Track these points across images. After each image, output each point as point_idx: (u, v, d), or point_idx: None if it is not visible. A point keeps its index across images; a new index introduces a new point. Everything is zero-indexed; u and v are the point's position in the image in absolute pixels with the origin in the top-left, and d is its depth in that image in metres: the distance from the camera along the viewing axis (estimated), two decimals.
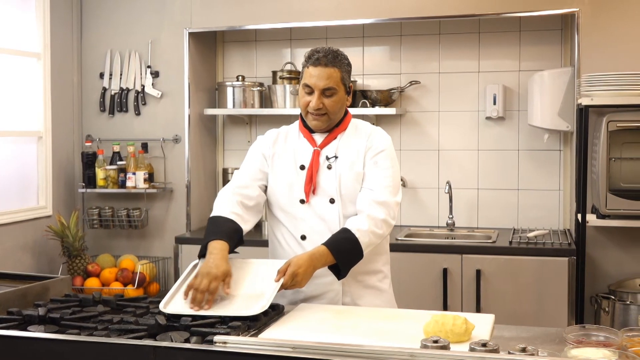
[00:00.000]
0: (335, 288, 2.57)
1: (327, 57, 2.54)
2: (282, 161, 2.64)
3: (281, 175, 2.63)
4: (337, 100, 2.56)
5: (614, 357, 1.78)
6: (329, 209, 2.57)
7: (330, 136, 2.62)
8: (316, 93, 2.52)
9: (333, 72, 2.53)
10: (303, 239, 2.58)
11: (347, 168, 2.58)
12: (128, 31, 4.45)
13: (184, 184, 4.41)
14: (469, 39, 4.34)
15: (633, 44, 3.70)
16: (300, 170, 2.60)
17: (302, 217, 2.59)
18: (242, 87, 4.42)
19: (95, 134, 4.49)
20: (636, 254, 3.76)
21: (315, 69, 2.53)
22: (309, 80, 2.54)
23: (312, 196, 2.58)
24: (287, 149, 2.66)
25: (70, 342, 1.87)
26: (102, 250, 4.44)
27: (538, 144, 4.24)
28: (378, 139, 2.61)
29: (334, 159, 2.59)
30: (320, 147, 2.61)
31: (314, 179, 2.57)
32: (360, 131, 2.65)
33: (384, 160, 2.57)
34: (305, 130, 2.65)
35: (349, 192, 2.56)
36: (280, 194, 2.62)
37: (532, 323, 3.44)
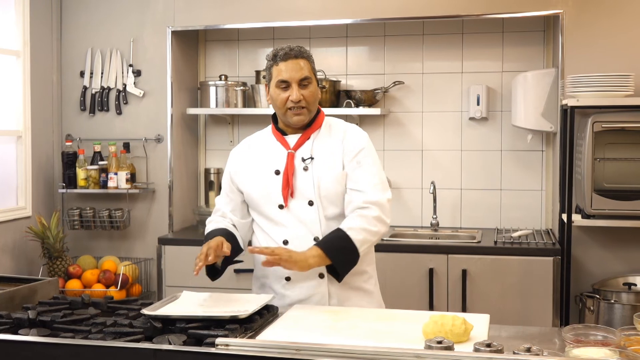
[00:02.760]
0: (321, 291, 2.55)
1: (294, 50, 2.54)
2: (255, 168, 2.62)
3: (257, 182, 2.60)
4: (313, 91, 2.55)
5: (615, 356, 1.79)
6: (309, 211, 2.54)
7: (303, 137, 2.58)
8: (294, 86, 2.50)
9: (304, 62, 2.53)
10: (285, 244, 2.55)
11: (325, 169, 2.55)
12: (109, 29, 4.39)
13: (167, 184, 4.36)
14: (453, 39, 4.35)
15: (616, 45, 3.74)
16: (276, 175, 2.57)
17: (282, 222, 2.56)
18: (225, 87, 4.38)
19: (75, 134, 4.43)
20: (619, 254, 3.80)
21: (286, 63, 2.51)
22: (283, 75, 2.51)
23: (290, 200, 2.54)
24: (260, 154, 2.63)
25: (67, 345, 1.84)
26: (83, 252, 4.38)
27: (521, 145, 4.27)
28: (355, 138, 2.59)
29: (310, 160, 2.56)
30: (294, 149, 2.57)
31: (290, 182, 2.54)
32: (335, 130, 2.62)
33: (365, 158, 2.55)
34: (277, 133, 2.62)
35: (329, 194, 2.54)
36: (258, 201, 2.60)
37: (518, 322, 3.45)
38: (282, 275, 2.55)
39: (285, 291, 2.57)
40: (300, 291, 2.55)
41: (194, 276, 3.96)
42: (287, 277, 2.56)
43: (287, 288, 2.57)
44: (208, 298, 2.43)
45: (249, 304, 2.25)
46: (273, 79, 2.55)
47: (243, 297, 2.42)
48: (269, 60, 2.57)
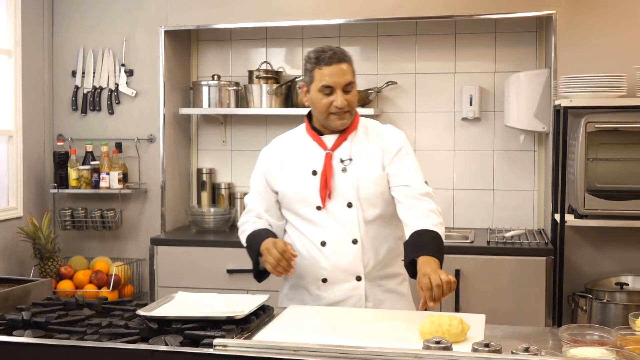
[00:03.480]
0: (358, 293, 2.52)
1: (337, 54, 2.49)
2: (291, 168, 2.57)
3: (293, 182, 2.56)
4: (355, 95, 2.52)
5: (612, 356, 1.80)
6: (347, 213, 2.51)
7: (341, 138, 2.54)
8: (339, 91, 2.46)
9: (347, 67, 2.49)
10: (323, 245, 2.52)
11: (364, 171, 2.51)
12: (102, 29, 4.37)
13: (159, 185, 4.34)
14: (445, 40, 4.36)
15: (609, 46, 3.75)
16: (313, 176, 2.53)
17: (320, 223, 2.52)
18: (217, 87, 4.37)
19: (67, 134, 4.40)
20: (611, 253, 3.82)
21: (330, 67, 2.46)
22: (328, 80, 2.45)
23: (328, 201, 2.51)
24: (296, 154, 2.58)
25: (63, 347, 1.82)
26: (74, 252, 4.36)
27: (513, 145, 4.28)
28: (392, 138, 2.56)
29: (349, 161, 2.52)
30: (332, 149, 2.53)
31: (328, 183, 2.50)
32: (372, 131, 2.59)
33: (406, 156, 2.53)
34: (313, 133, 2.57)
35: (368, 195, 2.50)
36: (294, 202, 2.56)
37: (511, 322, 3.44)
38: (318, 276, 2.53)
39: (321, 293, 2.54)
40: (336, 293, 2.53)
41: (187, 277, 4.00)
42: (323, 278, 2.53)
43: (323, 290, 2.54)
44: (203, 298, 2.42)
45: (245, 305, 2.24)
46: (315, 83, 2.48)
47: (238, 298, 2.41)
48: (310, 62, 2.51)
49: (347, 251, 2.51)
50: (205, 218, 4.29)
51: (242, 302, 2.29)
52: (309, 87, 2.53)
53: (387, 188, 2.54)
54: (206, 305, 2.29)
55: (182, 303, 2.34)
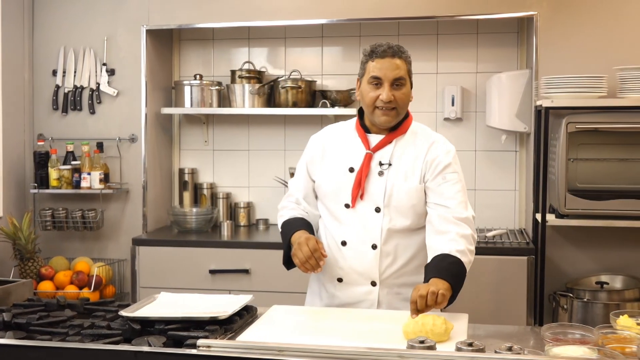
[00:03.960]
0: (371, 298, 2.50)
1: (392, 48, 2.47)
2: (331, 161, 2.56)
3: (329, 175, 2.55)
4: (406, 93, 2.48)
5: (594, 355, 1.81)
6: (374, 217, 2.47)
7: (386, 139, 2.51)
8: (386, 85, 2.43)
9: (401, 62, 2.46)
10: (343, 245, 2.51)
11: (400, 178, 2.48)
12: (83, 27, 4.33)
13: (140, 185, 4.32)
14: (427, 40, 4.38)
15: (590, 47, 3.78)
16: (349, 173, 2.51)
17: (346, 222, 2.51)
18: (200, 86, 4.36)
19: (47, 133, 4.36)
20: (591, 253, 3.85)
21: (382, 60, 2.44)
22: (377, 72, 2.44)
23: (358, 202, 2.48)
24: (339, 148, 2.57)
25: (45, 348, 1.81)
26: (55, 253, 4.32)
27: (495, 145, 4.30)
28: (441, 152, 2.50)
29: (387, 165, 2.48)
30: (374, 150, 2.50)
31: (362, 184, 2.47)
32: (420, 139, 2.54)
33: (452, 174, 2.47)
34: (361, 130, 2.54)
35: (399, 204, 2.47)
36: (326, 195, 2.56)
37: (493, 321, 3.45)
38: (335, 275, 2.52)
39: (336, 292, 2.54)
40: (350, 294, 2.52)
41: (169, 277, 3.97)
42: (339, 278, 2.53)
43: (338, 289, 2.53)
44: (186, 299, 2.41)
45: (228, 305, 2.24)
46: (366, 75, 2.48)
47: (221, 298, 2.40)
48: (365, 54, 2.50)
49: (365, 255, 2.49)
50: (187, 218, 4.27)
51: (225, 303, 2.29)
52: (360, 79, 2.52)
53: (422, 201, 2.48)
54: (189, 306, 2.28)
55: (165, 304, 2.33)
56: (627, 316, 2.13)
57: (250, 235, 4.27)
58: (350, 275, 2.50)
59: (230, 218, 4.51)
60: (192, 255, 3.99)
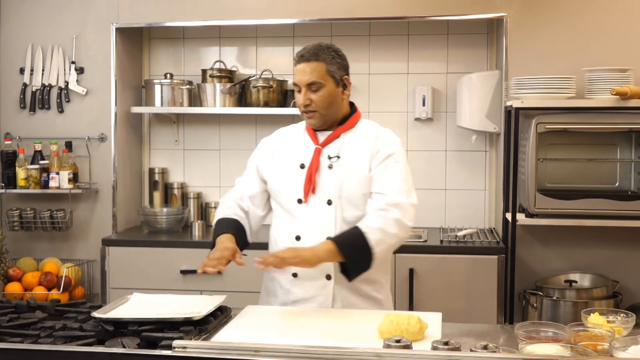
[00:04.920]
0: (326, 292, 2.51)
1: (310, 52, 2.52)
2: (282, 159, 2.60)
3: (280, 173, 2.59)
4: (324, 95, 2.50)
5: (567, 352, 1.84)
6: (326, 210, 2.50)
7: (334, 134, 2.56)
8: (302, 89, 2.50)
9: (316, 65, 2.49)
10: (297, 240, 2.52)
11: (349, 170, 2.51)
12: (51, 25, 4.27)
13: (110, 184, 4.27)
14: (398, 41, 4.39)
15: (558, 48, 3.83)
16: (300, 169, 2.54)
17: (299, 216, 2.53)
18: (170, 85, 4.32)
19: (14, 132, 4.29)
20: (560, 252, 3.90)
21: (299, 65, 2.52)
22: (295, 78, 2.52)
23: (310, 196, 2.52)
24: (289, 146, 2.61)
25: (17, 351, 1.78)
26: (22, 254, 4.25)
27: (465, 145, 4.34)
28: (386, 142, 2.55)
29: (336, 158, 2.52)
30: (322, 145, 2.55)
31: (313, 178, 2.51)
32: (367, 132, 2.58)
33: (394, 164, 2.51)
34: (309, 128, 2.60)
35: (350, 195, 2.50)
36: (279, 192, 2.59)
37: (464, 320, 3.47)
38: (289, 270, 2.52)
39: (291, 287, 2.54)
40: (305, 290, 2.53)
41: (140, 278, 3.94)
42: (294, 273, 2.53)
43: (293, 284, 2.54)
44: (159, 300, 2.39)
45: (202, 306, 2.23)
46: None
47: (195, 299, 2.39)
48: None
49: None
50: (158, 218, 4.24)
51: (199, 303, 2.27)
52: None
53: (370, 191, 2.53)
54: (163, 307, 2.27)
55: (138, 304, 2.31)
56: (597, 314, 2.17)
57: None
58: (304, 270, 2.50)
59: (201, 218, 4.48)
60: (163, 256, 3.96)
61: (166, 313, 2.14)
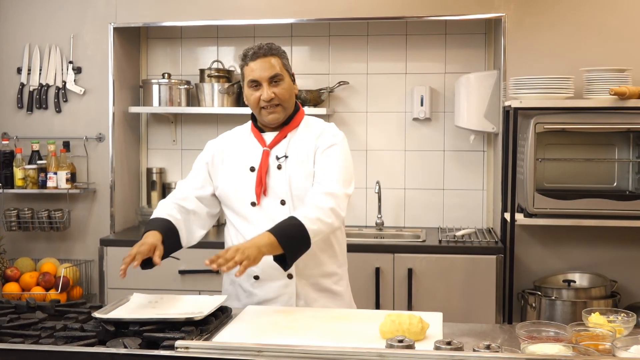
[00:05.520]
0: (289, 291, 2.53)
1: (263, 48, 2.53)
2: (231, 163, 2.60)
3: (231, 177, 2.59)
4: (286, 88, 2.53)
5: (569, 352, 1.84)
6: (280, 210, 2.52)
7: (280, 135, 2.58)
8: (264, 84, 2.50)
9: (274, 59, 2.52)
10: None
11: (297, 167, 2.54)
12: (48, 24, 4.26)
13: (108, 184, 4.26)
14: (396, 41, 4.40)
15: (557, 48, 3.84)
16: (250, 172, 2.56)
17: (254, 220, 2.54)
18: (168, 85, 4.32)
19: (12, 132, 4.28)
20: (558, 251, 3.91)
21: (255, 62, 2.51)
22: (253, 74, 2.51)
23: (263, 198, 2.53)
24: (237, 150, 2.62)
25: (19, 351, 1.77)
26: (20, 254, 4.24)
27: (463, 145, 4.34)
28: (328, 135, 2.58)
29: (284, 158, 2.55)
30: (270, 146, 2.57)
31: (263, 180, 2.53)
32: (312, 129, 2.61)
33: (334, 154, 2.53)
34: (255, 130, 2.61)
35: (300, 192, 2.52)
36: (231, 197, 2.58)
37: (463, 319, 3.49)
38: (251, 273, 2.52)
39: (254, 289, 2.55)
40: (268, 290, 2.53)
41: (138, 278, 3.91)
42: (255, 275, 2.54)
43: (256, 287, 2.55)
44: (159, 300, 2.39)
45: (203, 306, 2.22)
46: (245, 79, 2.55)
47: (195, 299, 2.39)
48: (240, 60, 2.56)
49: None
50: None
51: (199, 303, 2.27)
52: (242, 84, 2.59)
53: None
54: (163, 307, 2.26)
55: (138, 305, 2.31)
56: (598, 314, 2.17)
57: (219, 235, 4.23)
58: (266, 271, 2.51)
59: None
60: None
61: (167, 313, 2.14)
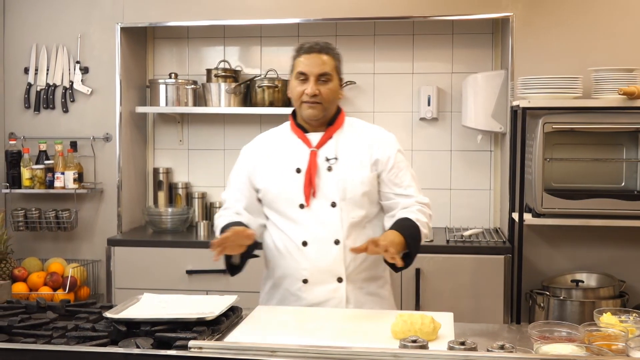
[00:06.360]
0: (339, 295, 2.50)
1: (320, 44, 2.53)
2: (274, 165, 2.56)
3: (275, 179, 2.55)
4: (332, 88, 2.51)
5: (582, 352, 1.84)
6: (331, 213, 2.49)
7: (326, 136, 2.55)
8: (311, 79, 2.48)
9: (328, 58, 2.51)
10: (304, 245, 2.50)
11: (350, 171, 2.52)
12: (55, 24, 4.26)
13: (115, 184, 4.26)
14: (404, 40, 4.39)
15: (565, 48, 3.83)
16: (296, 174, 2.52)
17: (303, 222, 2.50)
18: (175, 85, 4.31)
19: (19, 132, 4.28)
20: (566, 251, 3.90)
21: (309, 56, 2.50)
22: (303, 67, 2.49)
23: (312, 200, 2.50)
24: (279, 151, 2.58)
25: (31, 351, 1.77)
26: (27, 254, 4.24)
27: (470, 145, 4.33)
28: (386, 141, 2.59)
29: (335, 160, 2.52)
30: (317, 147, 2.53)
31: (313, 182, 2.49)
32: (359, 131, 2.60)
33: (402, 162, 2.58)
34: (298, 130, 2.57)
35: (354, 196, 2.50)
36: (276, 200, 2.55)
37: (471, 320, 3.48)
38: (299, 277, 2.50)
39: (302, 293, 2.51)
40: (317, 294, 2.50)
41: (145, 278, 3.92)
42: (304, 279, 2.50)
43: (304, 290, 2.51)
44: (170, 300, 2.38)
45: (214, 305, 2.22)
46: (294, 71, 2.53)
47: (206, 299, 2.38)
48: (294, 52, 2.56)
49: (328, 252, 2.49)
50: (163, 218, 4.23)
51: (210, 303, 2.27)
52: (290, 76, 2.56)
53: (374, 189, 2.55)
54: (174, 307, 2.26)
55: (149, 305, 2.30)
56: (610, 314, 2.16)
57: None
58: (315, 275, 2.49)
59: (206, 218, 4.47)
60: (168, 256, 3.96)
61: (178, 313, 2.14)
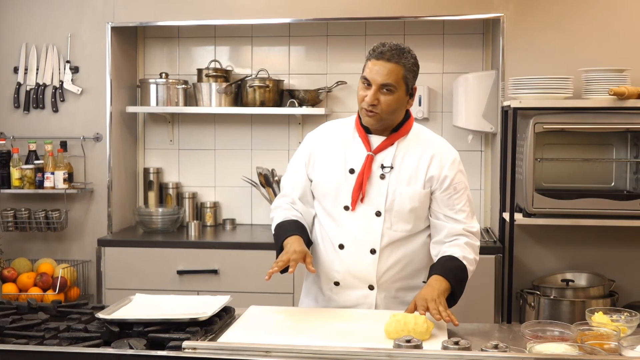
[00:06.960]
0: (369, 302, 2.45)
1: (392, 51, 2.39)
2: (330, 160, 2.49)
3: (328, 175, 2.48)
4: (394, 100, 2.37)
5: (575, 351, 1.84)
6: (374, 221, 2.42)
7: (388, 141, 2.44)
8: (373, 87, 2.35)
9: (395, 68, 2.37)
10: (341, 248, 2.44)
11: (403, 182, 2.42)
12: (45, 23, 4.23)
13: (105, 184, 4.24)
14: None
15: (556, 49, 3.84)
16: (349, 174, 2.44)
17: (345, 224, 2.44)
18: (166, 85, 4.30)
19: (8, 132, 4.26)
20: (556, 251, 3.92)
21: (376, 62, 2.37)
22: (368, 73, 2.37)
23: (358, 204, 2.41)
24: (338, 147, 2.49)
25: (24, 352, 1.76)
26: (16, 254, 4.21)
27: (461, 145, 4.32)
28: (448, 160, 2.46)
29: (389, 169, 2.42)
30: (375, 152, 2.43)
31: (363, 186, 2.41)
32: (423, 142, 2.48)
33: (460, 184, 2.47)
34: (361, 129, 2.47)
35: (402, 209, 2.42)
36: (324, 197, 2.48)
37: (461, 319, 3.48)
38: (331, 278, 2.47)
39: (332, 295, 2.48)
40: (347, 298, 2.46)
41: (136, 278, 3.91)
42: (336, 281, 2.47)
43: (335, 292, 2.48)
44: (163, 300, 2.38)
45: (207, 306, 2.22)
46: (362, 72, 2.42)
47: (199, 299, 2.38)
48: (369, 51, 2.43)
49: (362, 259, 2.43)
50: (153, 218, 4.22)
51: (203, 304, 2.26)
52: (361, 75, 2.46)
53: (424, 205, 2.46)
54: (167, 307, 2.25)
55: (142, 305, 2.30)
56: (601, 313, 2.18)
57: (217, 236, 4.23)
58: (346, 279, 2.45)
59: (197, 218, 4.46)
60: (159, 256, 3.95)
61: (171, 314, 2.13)
